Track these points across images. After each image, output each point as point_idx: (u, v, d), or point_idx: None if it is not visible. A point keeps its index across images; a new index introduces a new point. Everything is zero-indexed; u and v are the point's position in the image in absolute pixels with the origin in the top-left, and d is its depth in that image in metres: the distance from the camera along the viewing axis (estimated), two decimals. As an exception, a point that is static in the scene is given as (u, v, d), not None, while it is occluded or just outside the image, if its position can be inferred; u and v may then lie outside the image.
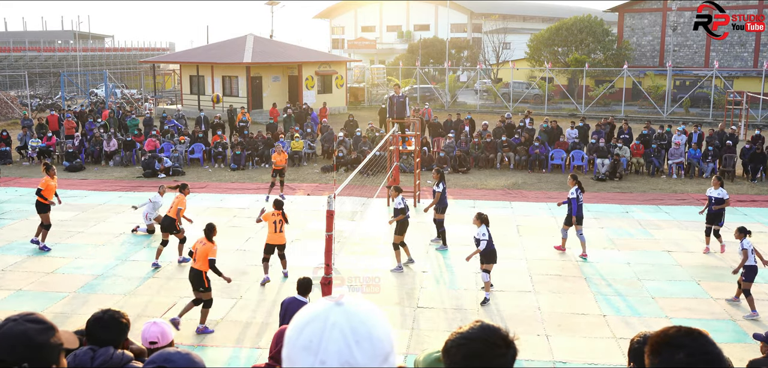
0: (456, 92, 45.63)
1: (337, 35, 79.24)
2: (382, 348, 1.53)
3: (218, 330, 9.90)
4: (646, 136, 23.24)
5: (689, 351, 1.88)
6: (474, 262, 13.00)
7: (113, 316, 3.67)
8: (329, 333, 1.50)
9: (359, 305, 1.57)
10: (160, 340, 4.46)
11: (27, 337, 2.06)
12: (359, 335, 1.51)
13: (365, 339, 1.51)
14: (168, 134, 24.73)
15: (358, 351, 1.50)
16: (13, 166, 23.67)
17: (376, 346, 1.52)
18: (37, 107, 40.35)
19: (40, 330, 2.10)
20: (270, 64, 37.64)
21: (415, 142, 18.16)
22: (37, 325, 2.10)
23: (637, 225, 15.96)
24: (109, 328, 3.61)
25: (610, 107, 40.21)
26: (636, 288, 11.74)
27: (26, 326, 2.09)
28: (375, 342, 1.52)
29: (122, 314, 3.75)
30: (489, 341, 1.90)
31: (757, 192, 19.81)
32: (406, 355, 9.08)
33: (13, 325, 2.08)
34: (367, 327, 1.53)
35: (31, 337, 2.07)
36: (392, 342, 1.58)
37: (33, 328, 2.09)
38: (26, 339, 2.06)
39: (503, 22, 65.78)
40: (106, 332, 3.58)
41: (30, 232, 14.99)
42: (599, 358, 9.01)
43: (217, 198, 18.49)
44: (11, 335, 2.05)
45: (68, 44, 61.70)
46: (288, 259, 12.13)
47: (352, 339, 1.50)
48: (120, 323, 3.67)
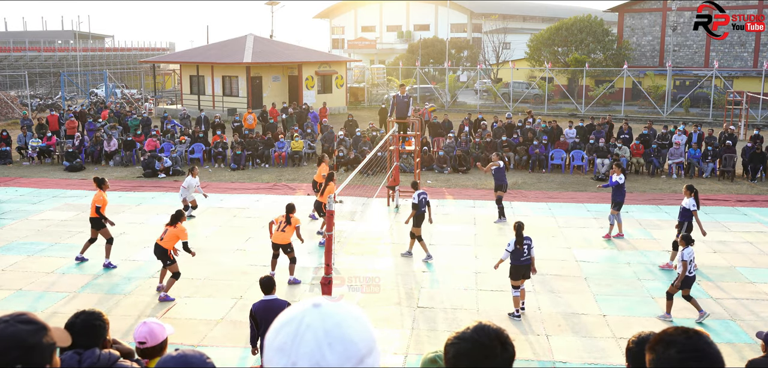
0: (456, 92, 45.64)
1: (337, 35, 79.28)
2: (356, 350, 1.53)
3: (218, 330, 9.90)
4: (646, 136, 23.24)
5: (681, 348, 1.91)
6: (473, 262, 13.04)
7: (86, 320, 3.64)
8: (303, 335, 1.52)
9: (337, 307, 1.57)
10: (149, 340, 4.43)
11: (20, 339, 2.04)
12: (332, 337, 1.51)
13: (338, 342, 1.51)
14: (168, 134, 24.74)
15: (330, 352, 1.50)
16: (13, 166, 23.69)
17: (349, 348, 1.52)
18: (37, 107, 40.34)
19: (32, 331, 2.08)
20: (270, 64, 37.64)
21: (415, 142, 18.16)
22: (29, 326, 2.09)
23: (637, 225, 15.96)
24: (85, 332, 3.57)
25: (610, 107, 40.21)
26: (636, 288, 11.74)
27: (18, 327, 2.07)
28: (348, 345, 1.52)
29: (98, 314, 3.71)
30: (484, 342, 1.91)
31: (757, 192, 19.81)
32: (406, 355, 9.08)
33: (5, 327, 2.06)
34: (341, 329, 1.53)
35: (24, 339, 2.05)
36: (371, 345, 1.57)
37: (25, 329, 2.07)
38: (19, 341, 2.04)
39: (503, 22, 65.80)
40: (83, 336, 3.54)
41: (30, 232, 15.01)
42: (599, 358, 9.02)
43: (217, 198, 18.49)
44: (3, 337, 2.03)
45: (68, 44, 61.71)
46: (286, 258, 12.05)
47: (325, 341, 1.51)
48: (95, 325, 3.64)
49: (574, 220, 16.24)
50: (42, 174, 22.22)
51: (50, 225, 15.64)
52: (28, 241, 14.29)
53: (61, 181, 21.11)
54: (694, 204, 12.64)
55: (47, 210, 17.11)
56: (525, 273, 10.38)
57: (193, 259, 11.67)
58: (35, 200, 18.29)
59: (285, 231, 11.68)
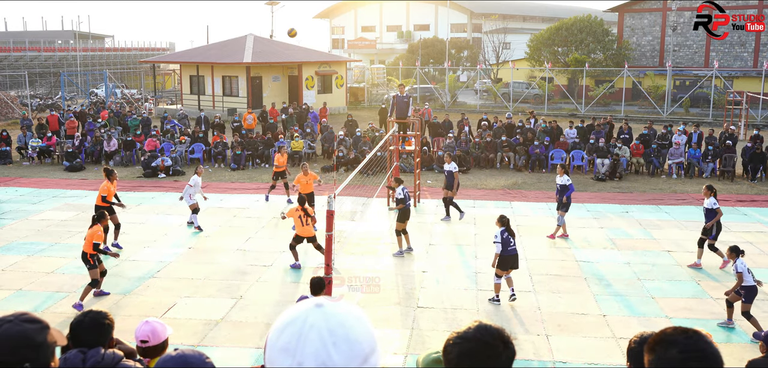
0: (456, 92, 45.64)
1: (337, 35, 79.27)
2: (360, 349, 1.54)
3: (218, 330, 9.90)
4: (646, 135, 23.24)
5: (682, 349, 1.91)
6: (473, 262, 13.04)
7: (94, 318, 3.69)
8: (307, 335, 1.52)
9: (339, 307, 1.58)
10: (151, 339, 4.45)
11: (27, 337, 2.06)
12: (337, 336, 1.52)
13: (343, 341, 1.52)
14: (168, 134, 24.74)
15: (336, 352, 1.51)
16: (13, 166, 23.69)
17: (353, 348, 1.53)
18: (37, 107, 40.35)
19: (37, 330, 2.09)
20: (270, 64, 37.64)
21: (415, 142, 18.16)
22: (34, 325, 2.10)
23: (637, 225, 15.96)
24: (92, 330, 3.61)
25: (610, 107, 40.23)
26: (636, 288, 11.74)
27: (24, 326, 2.08)
28: (353, 344, 1.53)
29: (104, 314, 3.75)
30: (486, 341, 1.91)
31: (757, 192, 19.81)
32: (406, 355, 9.08)
33: (10, 326, 2.07)
34: (345, 328, 1.54)
35: (32, 337, 2.07)
36: (373, 345, 1.58)
37: (31, 328, 2.09)
38: (28, 340, 2.06)
39: (503, 22, 65.80)
40: (90, 334, 3.58)
41: (30, 232, 15.01)
42: (599, 358, 9.01)
43: (217, 198, 18.49)
44: (11, 336, 2.05)
45: (68, 44, 61.72)
46: (290, 260, 12.13)
47: (330, 340, 1.52)
48: (102, 324, 3.68)
49: (574, 220, 16.23)
50: (42, 174, 22.22)
51: (50, 225, 15.63)
52: (28, 241, 14.29)
53: (61, 180, 21.11)
54: (715, 203, 12.67)
55: (47, 210, 17.11)
56: (513, 264, 10.70)
57: (193, 259, 11.69)
58: (35, 200, 18.30)
59: (308, 224, 12.27)
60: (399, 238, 13.37)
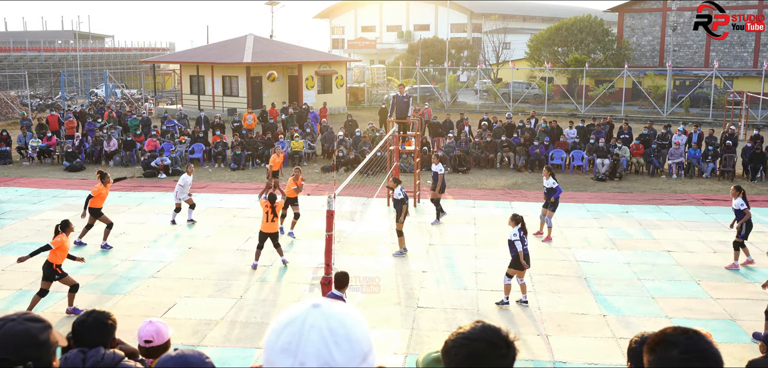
0: (456, 92, 45.64)
1: (337, 35, 79.27)
2: (360, 348, 1.56)
3: (218, 329, 9.90)
4: (646, 135, 23.24)
5: (683, 349, 1.91)
6: (473, 262, 13.03)
7: (98, 318, 3.68)
8: (308, 335, 1.53)
9: (336, 307, 1.60)
10: (155, 339, 4.45)
11: (31, 336, 2.07)
12: (338, 336, 1.53)
13: (344, 340, 1.54)
14: (168, 134, 24.74)
15: (337, 351, 1.52)
16: (13, 166, 23.68)
17: (354, 346, 1.55)
18: (37, 107, 40.35)
19: (40, 329, 2.10)
20: (270, 64, 37.64)
21: (415, 142, 18.15)
22: (37, 324, 2.11)
23: (637, 225, 15.96)
24: (95, 330, 3.61)
25: (610, 107, 40.22)
26: (636, 288, 11.73)
27: (27, 325, 2.09)
28: (353, 343, 1.55)
29: (107, 314, 3.75)
30: (489, 341, 1.91)
31: (757, 192, 19.80)
32: (406, 355, 9.08)
33: (14, 325, 2.08)
34: (345, 328, 1.55)
35: (35, 336, 2.07)
36: (370, 343, 1.61)
37: (34, 327, 2.10)
38: (31, 338, 2.06)
39: (503, 22, 65.80)
40: (92, 334, 3.58)
41: (30, 232, 15.00)
42: (599, 358, 9.01)
43: (217, 198, 18.49)
44: (15, 334, 2.06)
45: (68, 44, 61.71)
46: (290, 260, 12.13)
47: (331, 339, 1.53)
48: (105, 324, 3.68)
49: (574, 220, 16.25)
50: (42, 174, 22.22)
51: (50, 225, 15.54)
52: (28, 241, 14.28)
53: (61, 180, 21.10)
54: (743, 204, 12.68)
55: (47, 210, 17.10)
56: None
57: (193, 259, 11.69)
58: (35, 200, 18.29)
59: (273, 222, 12.24)
60: (401, 238, 13.41)
